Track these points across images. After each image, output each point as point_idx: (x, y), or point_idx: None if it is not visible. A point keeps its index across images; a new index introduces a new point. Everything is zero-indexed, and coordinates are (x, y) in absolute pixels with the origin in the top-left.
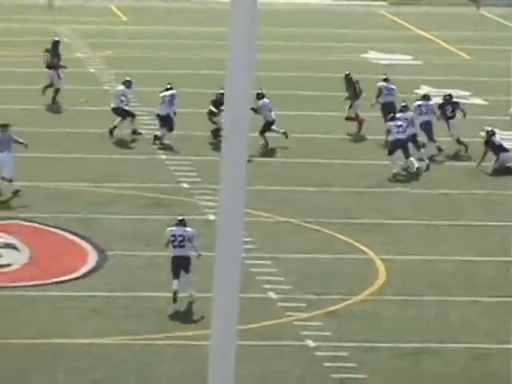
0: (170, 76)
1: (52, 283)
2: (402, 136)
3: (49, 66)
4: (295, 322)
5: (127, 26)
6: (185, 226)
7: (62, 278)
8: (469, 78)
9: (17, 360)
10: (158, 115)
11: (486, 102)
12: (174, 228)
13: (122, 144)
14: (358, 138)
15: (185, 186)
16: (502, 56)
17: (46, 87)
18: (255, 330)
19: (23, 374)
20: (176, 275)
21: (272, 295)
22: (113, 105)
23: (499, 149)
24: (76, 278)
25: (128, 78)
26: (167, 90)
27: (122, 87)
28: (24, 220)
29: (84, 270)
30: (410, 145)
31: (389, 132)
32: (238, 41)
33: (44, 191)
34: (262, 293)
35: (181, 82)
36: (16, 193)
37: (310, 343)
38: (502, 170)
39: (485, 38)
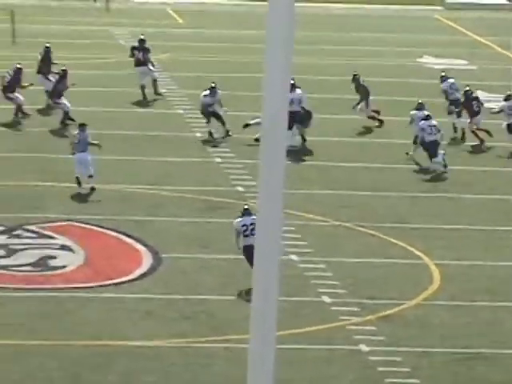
0: (225, 79)
1: (106, 285)
2: (433, 138)
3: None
4: (349, 327)
5: (184, 28)
6: (250, 214)
7: (117, 280)
8: None
9: (71, 361)
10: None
11: None
12: (241, 219)
13: (178, 147)
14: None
15: (239, 189)
16: None
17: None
18: (309, 334)
19: (76, 375)
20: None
21: (326, 299)
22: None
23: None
24: (130, 281)
25: (213, 85)
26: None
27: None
28: (80, 222)
29: (138, 272)
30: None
31: (412, 122)
32: (274, 42)
33: (100, 193)
34: (316, 297)
35: (237, 84)
36: (93, 189)
37: (364, 348)
38: None
39: None
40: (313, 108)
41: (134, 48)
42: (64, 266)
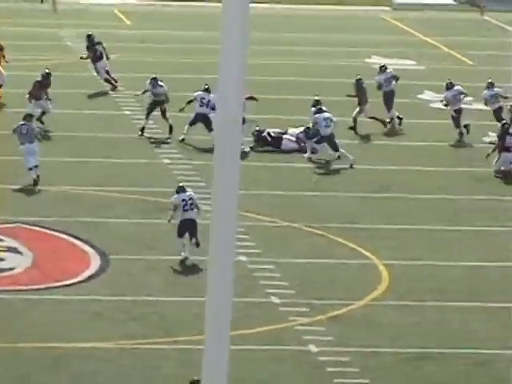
0: (172, 80)
1: (54, 287)
2: (330, 130)
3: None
4: (298, 327)
5: (131, 30)
6: (185, 191)
7: (65, 282)
8: (471, 84)
9: (20, 364)
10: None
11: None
12: (178, 195)
13: (124, 147)
14: (362, 142)
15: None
16: (504, 62)
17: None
18: (258, 335)
19: (26, 377)
20: (181, 236)
21: (275, 300)
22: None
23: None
24: (78, 282)
25: (207, 86)
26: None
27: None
28: (27, 223)
29: (86, 274)
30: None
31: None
32: (229, 43)
33: (47, 195)
34: (265, 297)
35: (184, 85)
36: (36, 180)
37: (313, 348)
38: (503, 172)
39: (487, 44)
40: (263, 108)
41: (89, 46)
42: (11, 268)
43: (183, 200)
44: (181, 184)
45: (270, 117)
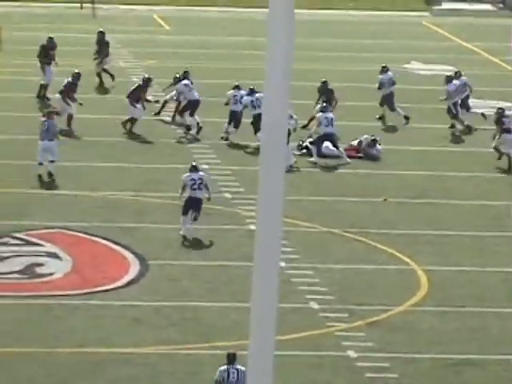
0: (211, 85)
1: (94, 292)
2: (330, 130)
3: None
4: (337, 333)
5: (170, 35)
6: (198, 170)
7: (104, 288)
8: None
9: (59, 369)
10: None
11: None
12: (189, 173)
13: (164, 153)
14: (399, 147)
15: (227, 195)
16: None
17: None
18: (296, 340)
19: (64, 382)
20: (185, 213)
21: (314, 305)
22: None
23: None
24: (118, 288)
25: (236, 83)
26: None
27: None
28: (66, 229)
29: (126, 279)
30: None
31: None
32: (274, 49)
33: (86, 200)
34: (304, 303)
35: (223, 91)
36: (51, 175)
37: (352, 354)
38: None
39: None
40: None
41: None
42: (51, 274)
43: (192, 179)
44: (194, 163)
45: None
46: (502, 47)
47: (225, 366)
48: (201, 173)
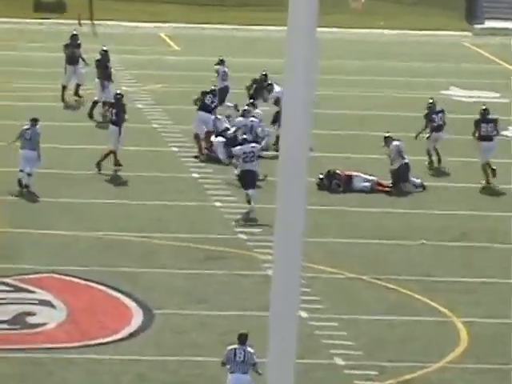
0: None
1: (91, 345)
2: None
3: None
4: None
5: (179, 56)
6: (249, 142)
7: (103, 340)
8: None
9: None
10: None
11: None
12: (241, 147)
13: (172, 188)
14: (439, 184)
15: (242, 237)
16: None
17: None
18: None
19: None
20: (246, 186)
21: (339, 361)
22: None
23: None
24: (119, 340)
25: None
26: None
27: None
28: (61, 273)
29: (127, 330)
30: None
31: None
32: (293, 73)
33: (84, 241)
34: (329, 358)
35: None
36: (26, 187)
37: None
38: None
39: None
40: (328, 145)
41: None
42: (44, 324)
43: (244, 152)
44: (245, 136)
45: (337, 155)
46: None
47: (233, 346)
48: (252, 144)
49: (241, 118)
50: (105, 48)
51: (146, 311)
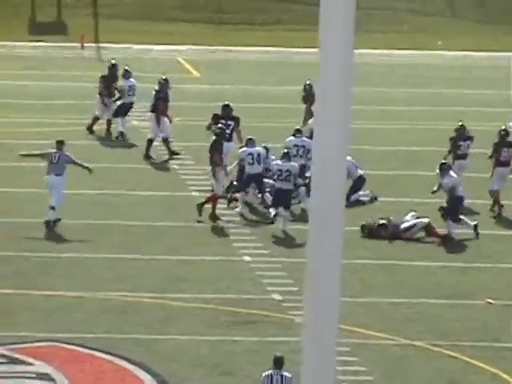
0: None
1: None
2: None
3: None
4: None
5: (200, 84)
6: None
7: None
8: None
9: None
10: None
11: None
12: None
13: (193, 240)
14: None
15: (275, 297)
16: None
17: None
18: None
19: None
20: (276, 205)
21: None
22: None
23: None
24: None
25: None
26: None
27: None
28: (63, 342)
29: None
30: None
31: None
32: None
33: (90, 303)
34: None
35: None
36: (54, 222)
37: None
38: None
39: None
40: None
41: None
42: None
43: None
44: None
45: (381, 199)
46: None
47: (269, 371)
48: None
49: (292, 138)
50: (164, 77)
51: None
